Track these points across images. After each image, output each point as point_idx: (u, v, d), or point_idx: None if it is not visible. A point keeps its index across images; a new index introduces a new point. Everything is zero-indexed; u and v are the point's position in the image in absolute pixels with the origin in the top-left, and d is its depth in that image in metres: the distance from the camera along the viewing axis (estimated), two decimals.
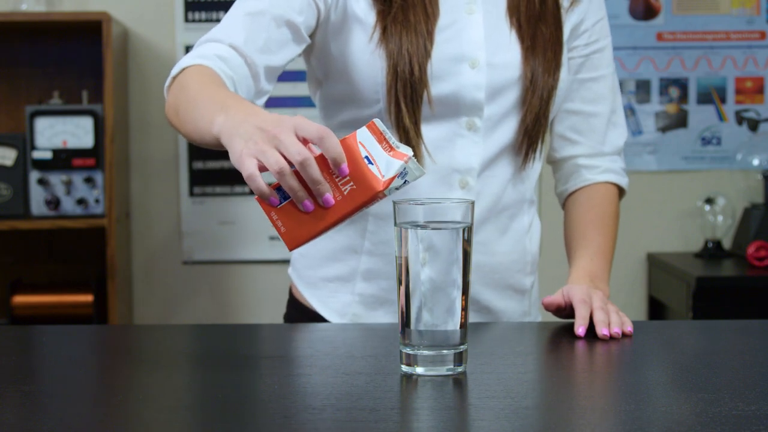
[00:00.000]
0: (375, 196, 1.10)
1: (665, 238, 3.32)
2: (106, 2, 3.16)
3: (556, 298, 1.41)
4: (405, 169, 1.10)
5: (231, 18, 1.46)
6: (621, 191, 1.64)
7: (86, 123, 2.92)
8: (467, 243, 1.11)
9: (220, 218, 3.25)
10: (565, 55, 1.56)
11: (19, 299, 3.01)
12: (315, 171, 1.10)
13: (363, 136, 1.11)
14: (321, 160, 1.11)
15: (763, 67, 3.32)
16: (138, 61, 3.21)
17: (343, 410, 0.99)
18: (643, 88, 3.31)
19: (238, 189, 3.25)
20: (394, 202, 1.12)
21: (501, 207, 1.55)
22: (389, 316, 1.55)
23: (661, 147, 3.32)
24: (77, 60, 3.16)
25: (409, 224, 1.10)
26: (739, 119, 3.32)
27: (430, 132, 1.50)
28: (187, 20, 3.21)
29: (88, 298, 2.98)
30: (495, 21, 1.53)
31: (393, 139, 1.11)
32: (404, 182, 1.11)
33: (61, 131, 2.92)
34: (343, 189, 1.11)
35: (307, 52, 1.56)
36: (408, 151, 1.11)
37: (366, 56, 1.48)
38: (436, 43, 1.48)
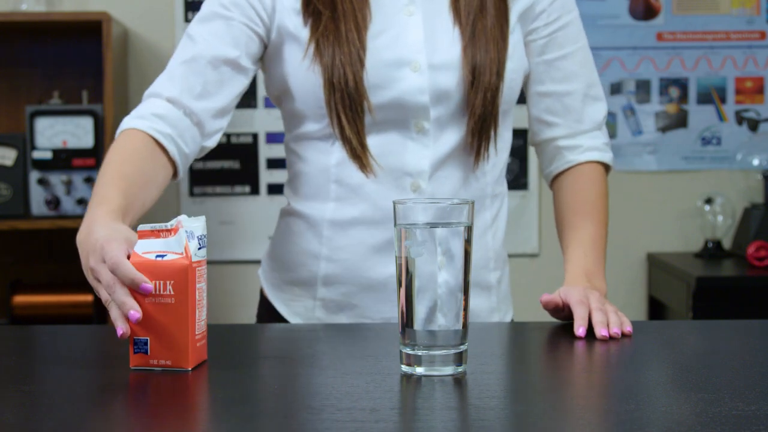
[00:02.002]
0: (189, 271, 1.12)
1: (665, 238, 3.32)
2: (106, 2, 3.16)
3: (554, 297, 1.40)
4: (186, 233, 1.14)
5: (169, 68, 1.51)
6: (607, 167, 1.62)
7: (86, 123, 2.92)
8: (468, 243, 1.11)
9: (220, 218, 3.25)
10: (516, 47, 1.53)
11: (19, 299, 3.01)
12: (120, 294, 1.14)
13: (141, 247, 1.15)
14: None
15: (763, 67, 3.32)
16: (138, 61, 3.21)
17: (343, 410, 0.99)
18: (643, 88, 3.31)
19: (238, 189, 3.25)
20: (395, 202, 1.12)
21: None
22: (351, 321, 1.56)
23: (661, 147, 3.32)
24: (77, 60, 3.16)
25: (422, 225, 1.10)
26: (739, 119, 3.32)
27: (378, 138, 1.50)
28: (187, 20, 3.21)
29: (88, 298, 2.98)
30: (436, 20, 1.51)
31: (164, 225, 1.15)
32: (199, 239, 1.15)
33: (61, 131, 2.92)
34: (168, 291, 1.13)
35: (265, 74, 1.58)
36: (177, 219, 1.15)
37: (303, 73, 1.49)
38: (374, 49, 1.48)
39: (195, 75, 1.49)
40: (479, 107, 1.50)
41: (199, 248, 1.15)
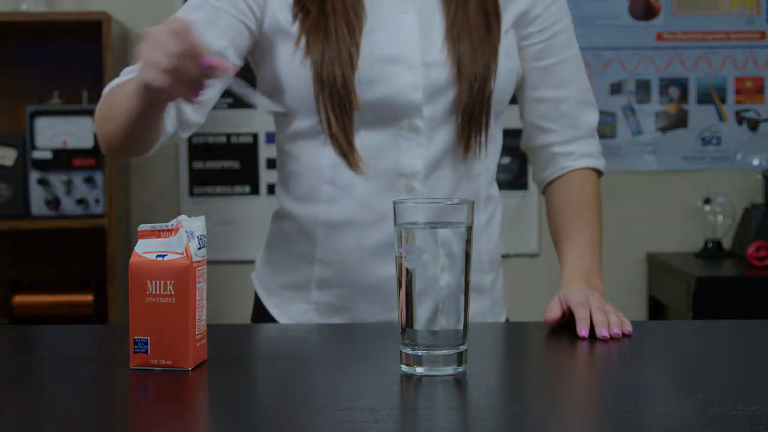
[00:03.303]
0: (190, 271, 1.13)
1: (665, 238, 3.32)
2: (106, 2, 3.16)
3: (555, 313, 1.38)
4: (186, 233, 1.14)
5: None
6: (599, 173, 1.62)
7: (86, 123, 2.92)
8: (468, 244, 1.11)
9: (220, 218, 3.25)
10: (509, 48, 1.53)
11: (19, 299, 3.01)
12: (197, 43, 1.21)
13: (141, 247, 1.15)
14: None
15: (763, 67, 3.32)
16: None
17: (343, 410, 0.99)
18: (643, 88, 3.31)
19: (238, 189, 3.25)
20: (395, 202, 1.12)
21: None
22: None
23: (661, 147, 3.32)
24: (77, 60, 3.16)
25: (422, 225, 1.10)
26: (739, 119, 3.33)
27: (371, 137, 1.49)
28: None
29: (88, 298, 2.99)
30: (430, 18, 1.51)
31: (164, 225, 1.15)
32: (199, 239, 1.15)
33: (61, 131, 2.92)
34: (169, 291, 1.13)
35: (256, 70, 1.58)
36: (177, 219, 1.15)
37: (294, 69, 1.49)
38: (369, 45, 1.47)
39: None
40: (465, 95, 1.49)
41: (199, 248, 1.15)
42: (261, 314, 1.63)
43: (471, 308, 1.57)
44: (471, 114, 1.50)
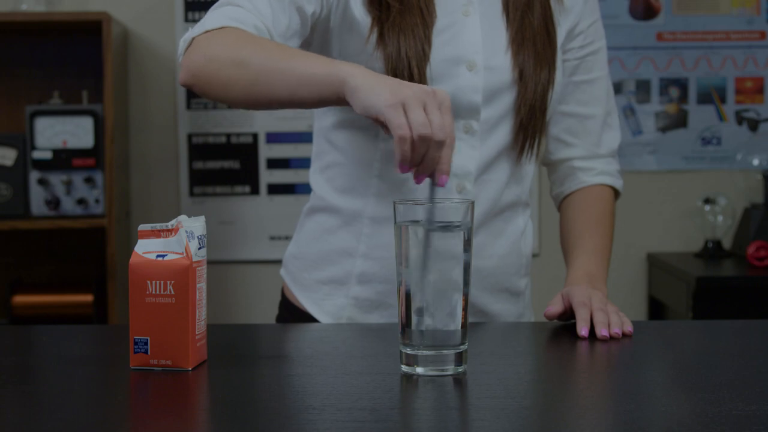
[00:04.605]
0: (190, 271, 1.13)
1: (665, 238, 3.32)
2: (106, 2, 3.16)
3: (557, 308, 1.40)
4: (187, 233, 1.14)
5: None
6: (616, 193, 1.65)
7: (86, 123, 2.92)
8: (468, 243, 1.11)
9: (220, 218, 3.25)
10: (560, 56, 1.56)
11: (19, 299, 3.01)
12: (450, 153, 1.18)
13: (141, 247, 1.15)
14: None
15: (763, 67, 3.32)
16: (138, 61, 3.21)
17: (343, 410, 0.99)
18: (643, 88, 3.31)
19: (238, 189, 3.25)
20: (395, 202, 1.12)
21: (497, 210, 1.54)
22: (384, 320, 1.54)
23: (661, 147, 3.32)
24: (77, 60, 3.16)
25: (410, 225, 1.10)
26: (739, 119, 3.32)
27: None
28: (187, 20, 3.21)
29: (88, 298, 2.99)
30: (491, 22, 1.52)
31: (165, 225, 1.15)
32: (199, 239, 1.15)
33: (61, 131, 2.92)
34: (169, 291, 1.13)
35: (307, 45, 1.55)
36: (177, 219, 1.15)
37: (363, 59, 1.47)
38: (434, 45, 1.47)
39: (283, 13, 1.42)
40: (530, 98, 1.50)
41: (199, 248, 1.15)
42: (291, 311, 1.60)
43: (508, 311, 1.58)
44: (530, 119, 1.51)
